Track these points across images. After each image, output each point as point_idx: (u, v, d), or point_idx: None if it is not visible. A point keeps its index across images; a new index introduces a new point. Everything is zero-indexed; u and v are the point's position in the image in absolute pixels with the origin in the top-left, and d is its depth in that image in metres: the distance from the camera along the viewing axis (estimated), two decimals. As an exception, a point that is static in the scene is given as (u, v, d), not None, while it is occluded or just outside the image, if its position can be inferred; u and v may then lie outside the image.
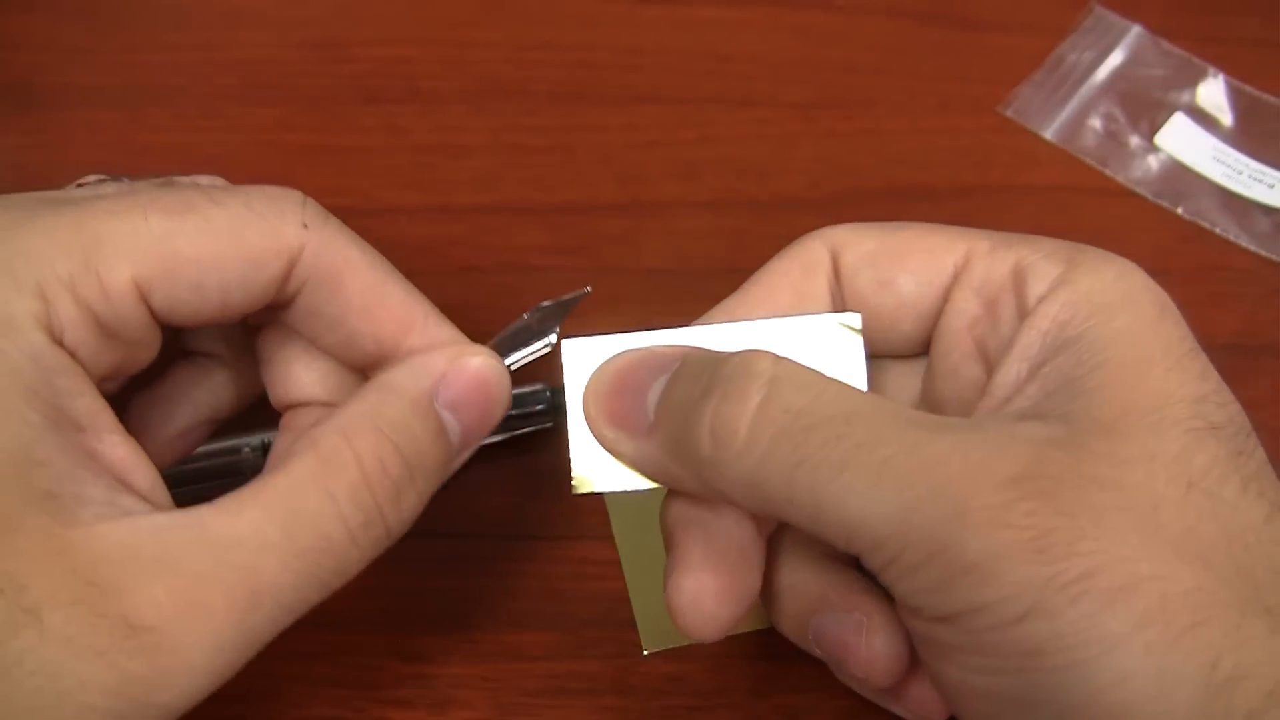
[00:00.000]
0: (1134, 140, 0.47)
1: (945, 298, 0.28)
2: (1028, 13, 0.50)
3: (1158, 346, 0.25)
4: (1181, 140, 0.47)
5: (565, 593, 0.35)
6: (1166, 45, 0.49)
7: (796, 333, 0.28)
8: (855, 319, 0.28)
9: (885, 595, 0.27)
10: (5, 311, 0.21)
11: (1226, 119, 0.47)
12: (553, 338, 0.28)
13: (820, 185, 0.45)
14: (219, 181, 0.29)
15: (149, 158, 0.29)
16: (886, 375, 0.30)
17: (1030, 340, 0.26)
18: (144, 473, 0.24)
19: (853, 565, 0.29)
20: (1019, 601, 0.22)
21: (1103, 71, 0.48)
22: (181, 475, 0.33)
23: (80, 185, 0.27)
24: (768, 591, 0.29)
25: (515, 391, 0.37)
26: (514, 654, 0.34)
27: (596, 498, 0.36)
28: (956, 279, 0.28)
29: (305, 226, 0.26)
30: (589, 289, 0.28)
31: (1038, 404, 0.25)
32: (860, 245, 0.29)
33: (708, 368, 0.26)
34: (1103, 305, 0.25)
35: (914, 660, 0.27)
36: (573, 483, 0.28)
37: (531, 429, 0.37)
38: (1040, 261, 0.27)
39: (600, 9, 0.50)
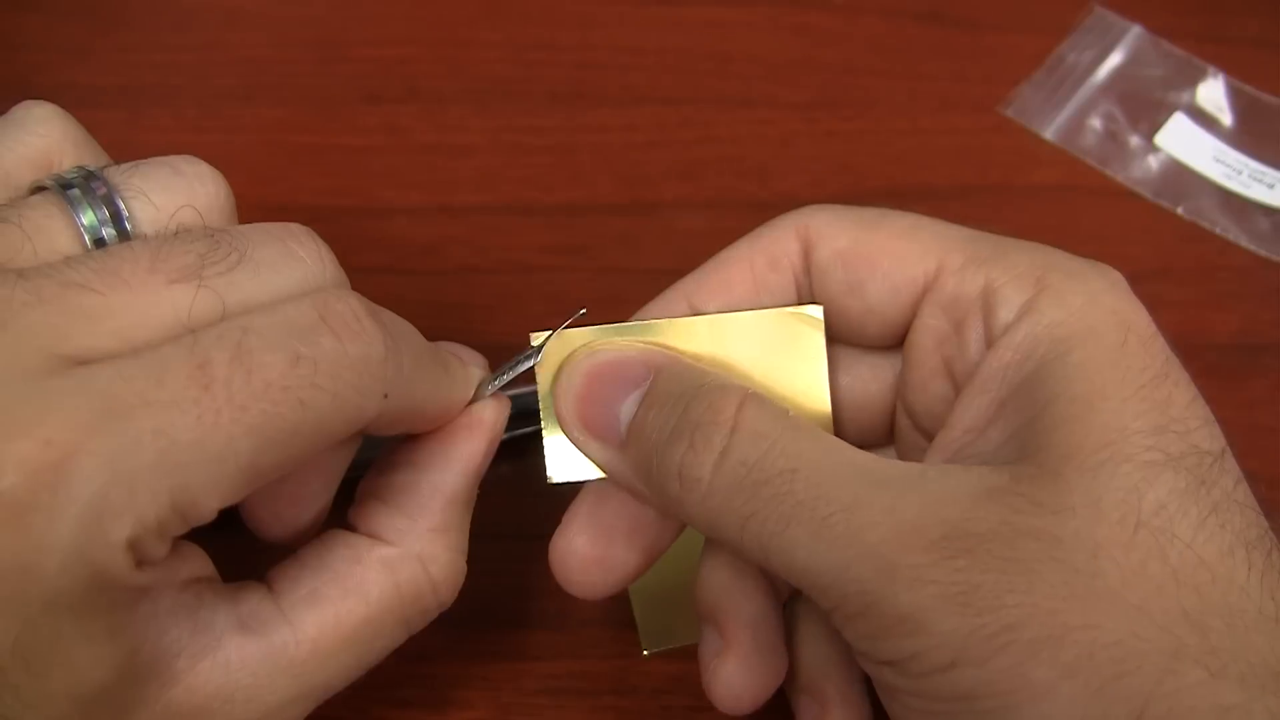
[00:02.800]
0: (1134, 140, 0.47)
1: (914, 310, 0.28)
2: (1028, 13, 0.50)
3: (1113, 378, 0.25)
4: (1181, 140, 0.47)
5: (565, 593, 0.35)
6: (1166, 45, 0.49)
7: (760, 325, 0.28)
8: (817, 311, 0.28)
9: (769, 634, 0.29)
10: (100, 570, 0.21)
11: (1226, 119, 0.47)
12: (539, 355, 0.29)
13: (820, 185, 0.45)
14: (203, 170, 0.26)
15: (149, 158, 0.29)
16: (861, 365, 0.30)
17: (991, 374, 0.26)
18: (201, 565, 0.25)
19: (769, 585, 0.29)
20: (946, 650, 0.22)
21: (1103, 71, 0.48)
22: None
23: (40, 190, 0.25)
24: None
25: (515, 392, 0.37)
26: (514, 654, 0.34)
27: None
28: (926, 293, 0.28)
29: (386, 398, 0.24)
30: (583, 311, 0.29)
31: (998, 448, 0.26)
32: (834, 240, 0.29)
33: (679, 403, 0.26)
34: (1061, 339, 0.25)
35: (807, 690, 0.29)
36: (548, 474, 0.29)
37: (531, 429, 0.37)
38: (1008, 285, 0.27)
39: (600, 9, 0.50)
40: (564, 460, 0.29)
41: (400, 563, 0.26)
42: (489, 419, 0.28)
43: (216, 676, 0.24)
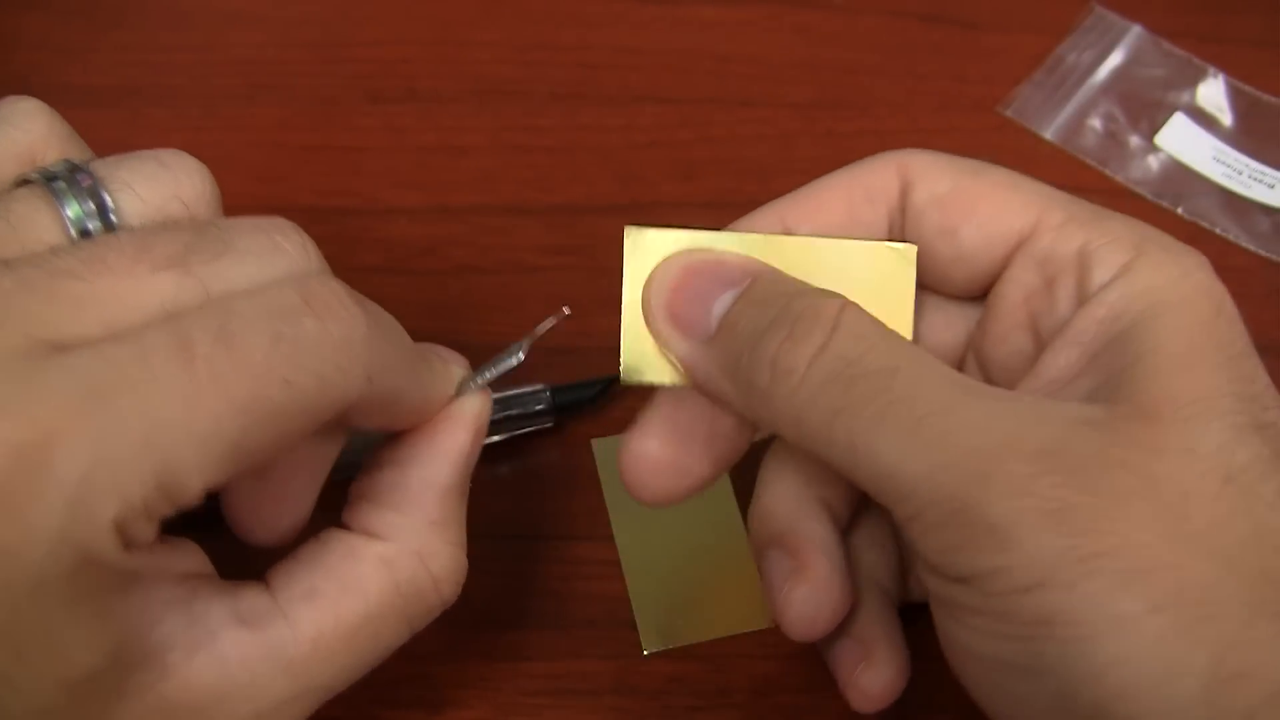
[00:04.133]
0: (1134, 140, 0.47)
1: (1006, 262, 0.28)
2: (1028, 13, 0.50)
3: (1209, 343, 0.25)
4: (1181, 140, 0.47)
5: (565, 593, 0.35)
6: (1166, 45, 0.49)
7: (852, 255, 0.29)
8: (910, 250, 0.29)
9: (840, 559, 0.29)
10: (86, 552, 0.21)
11: (1226, 119, 0.47)
12: (521, 354, 0.29)
13: (820, 185, 0.45)
14: (190, 164, 0.26)
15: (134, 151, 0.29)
16: (937, 314, 0.30)
17: (1084, 327, 0.26)
18: (199, 564, 0.25)
19: (835, 515, 0.30)
20: (1033, 569, 0.22)
21: (1103, 71, 0.48)
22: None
23: (24, 184, 0.25)
24: (750, 506, 0.30)
25: (515, 392, 0.37)
26: (514, 654, 0.34)
27: (595, 494, 0.36)
28: (1020, 246, 0.28)
29: (369, 380, 0.24)
30: (566, 311, 0.29)
31: (1088, 395, 0.26)
32: (934, 184, 0.29)
33: (779, 300, 0.26)
34: (1159, 301, 0.26)
35: (850, 634, 0.29)
36: (621, 372, 0.29)
37: (531, 429, 0.37)
38: (1107, 247, 0.27)
39: (600, 9, 0.50)
40: (639, 362, 0.28)
41: (398, 559, 0.26)
42: (471, 411, 0.28)
43: (212, 673, 0.24)
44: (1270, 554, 0.23)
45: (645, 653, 0.34)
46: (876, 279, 0.28)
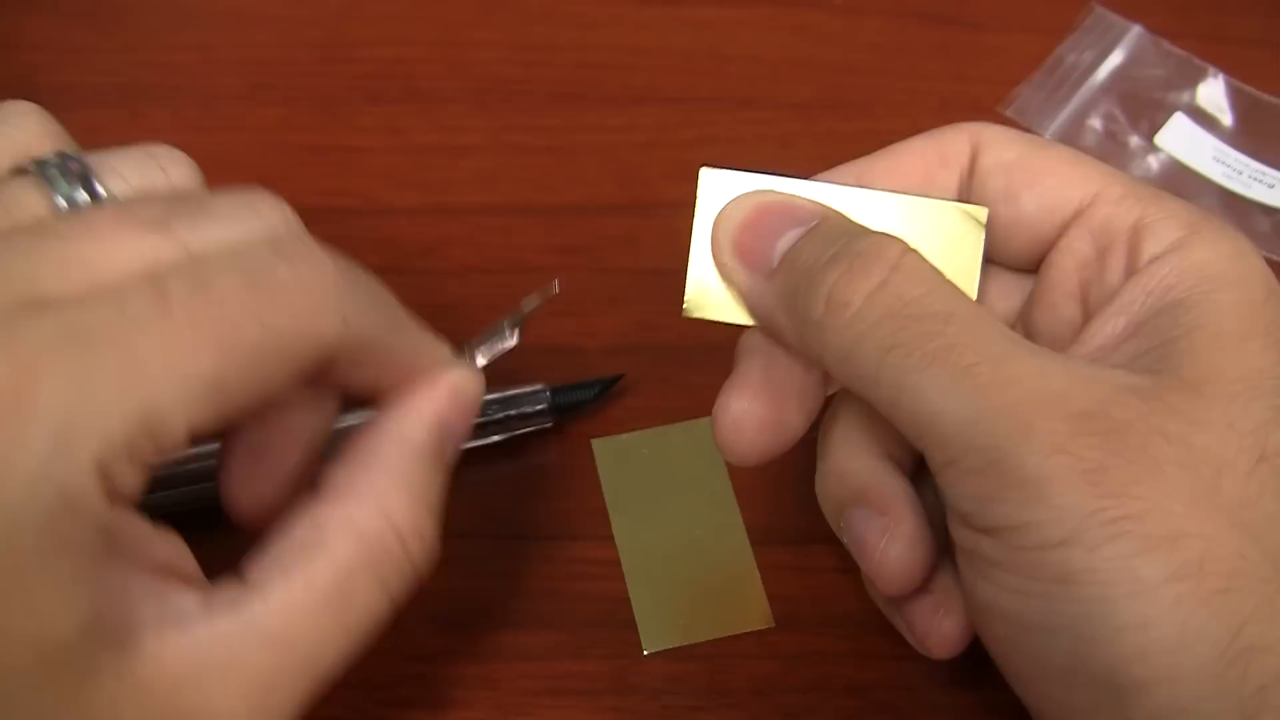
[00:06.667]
0: (1134, 140, 0.47)
1: (1063, 230, 0.29)
2: (1028, 13, 0.50)
3: (1258, 324, 0.25)
4: (1181, 140, 0.47)
5: (565, 593, 0.35)
6: (1166, 45, 0.49)
7: (925, 211, 0.29)
8: (982, 212, 0.29)
9: (921, 509, 0.28)
10: (67, 493, 0.21)
11: (1226, 119, 0.47)
12: (512, 334, 0.29)
13: (820, 185, 0.45)
14: (177, 155, 0.27)
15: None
16: (993, 282, 0.30)
17: (1133, 297, 0.27)
18: (179, 555, 0.25)
19: (904, 470, 0.30)
20: (1060, 526, 0.22)
21: (1103, 72, 0.48)
22: (181, 476, 0.33)
23: (21, 173, 0.26)
24: (818, 470, 0.30)
25: (514, 392, 0.37)
26: (514, 654, 0.34)
27: (595, 494, 0.36)
28: (1078, 215, 0.29)
29: (345, 322, 0.24)
30: (556, 289, 0.29)
31: (1132, 361, 0.26)
32: (1002, 152, 0.29)
33: (842, 236, 0.27)
34: (1211, 277, 0.26)
35: (926, 586, 0.29)
36: (684, 305, 0.30)
37: (531, 429, 0.37)
38: (1162, 222, 0.27)
39: (600, 9, 0.50)
40: (702, 298, 0.29)
41: (359, 513, 0.26)
42: (453, 377, 0.28)
43: (185, 650, 0.23)
44: None
45: (645, 653, 0.34)
46: (946, 238, 0.29)
